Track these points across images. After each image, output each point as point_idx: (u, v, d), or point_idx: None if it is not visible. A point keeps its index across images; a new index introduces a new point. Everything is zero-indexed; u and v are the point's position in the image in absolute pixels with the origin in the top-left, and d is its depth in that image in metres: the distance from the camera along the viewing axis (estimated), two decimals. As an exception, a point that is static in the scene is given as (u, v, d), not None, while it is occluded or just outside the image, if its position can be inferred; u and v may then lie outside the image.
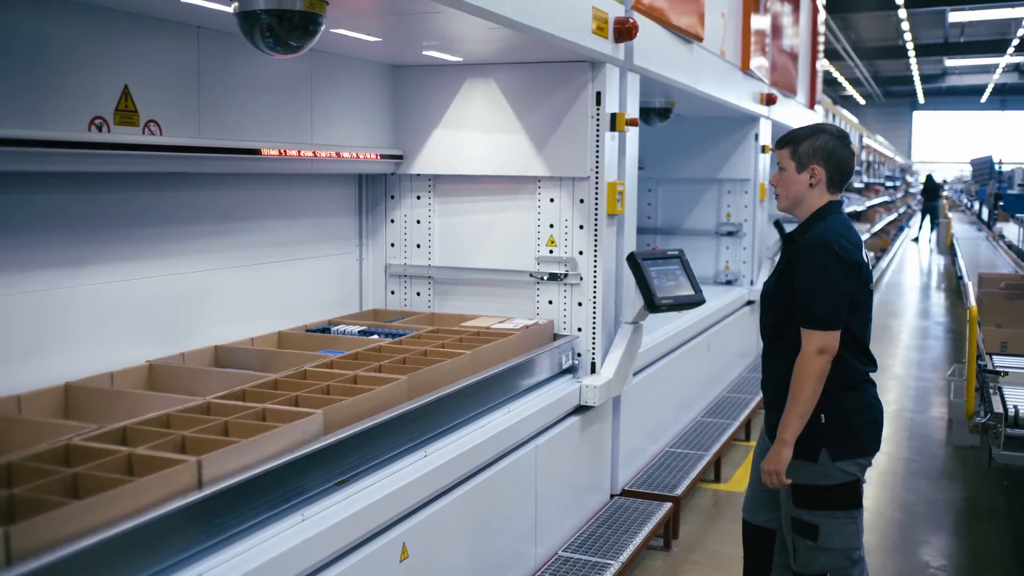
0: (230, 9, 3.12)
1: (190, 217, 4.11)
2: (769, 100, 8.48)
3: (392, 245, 5.40)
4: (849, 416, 3.30)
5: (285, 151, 4.28)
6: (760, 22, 8.01)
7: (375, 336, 4.58)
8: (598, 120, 4.81)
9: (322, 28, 3.20)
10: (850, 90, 43.62)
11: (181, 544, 2.44)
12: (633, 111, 5.15)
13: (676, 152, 8.74)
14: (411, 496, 3.31)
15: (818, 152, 3.38)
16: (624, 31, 4.75)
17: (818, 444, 3.26)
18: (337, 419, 3.10)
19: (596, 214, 4.88)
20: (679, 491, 5.22)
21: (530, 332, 4.65)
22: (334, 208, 5.17)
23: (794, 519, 3.35)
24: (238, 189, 4.40)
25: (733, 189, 8.71)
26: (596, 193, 4.86)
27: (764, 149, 8.66)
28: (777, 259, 3.73)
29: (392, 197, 5.37)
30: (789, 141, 3.46)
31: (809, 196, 3.42)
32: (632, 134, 5.16)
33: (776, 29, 8.86)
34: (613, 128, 4.87)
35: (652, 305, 4.73)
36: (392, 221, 5.39)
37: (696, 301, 4.85)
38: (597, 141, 4.82)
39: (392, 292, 5.44)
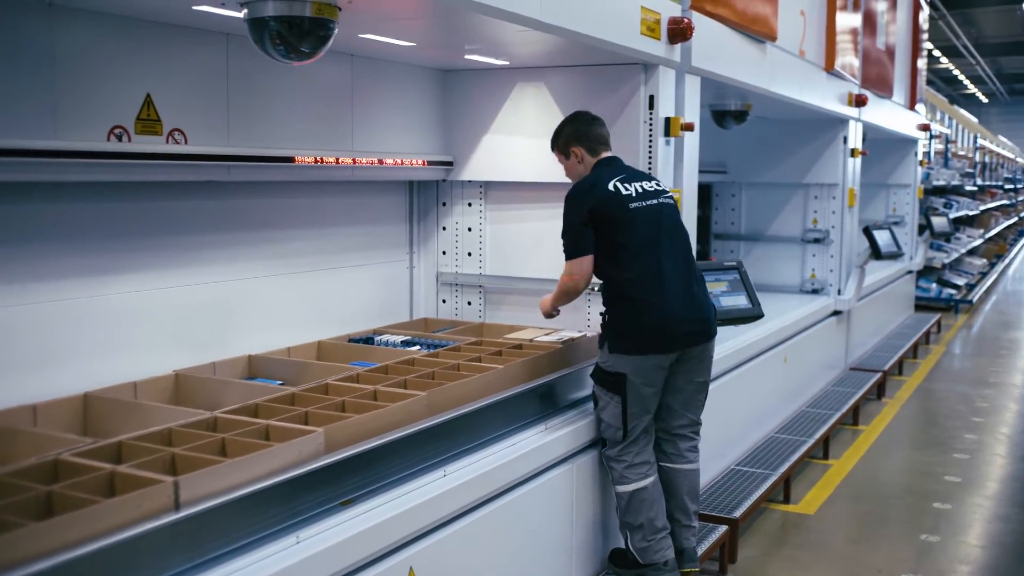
0: (240, 15, 3.07)
1: (225, 225, 4.09)
2: (859, 101, 8.09)
3: (443, 253, 5.30)
4: (616, 321, 4.00)
5: (322, 159, 4.22)
6: (848, 20, 7.65)
7: (416, 347, 4.48)
8: (651, 125, 4.62)
9: (334, 34, 3.13)
10: (972, 88, 41.88)
11: (155, 567, 2.37)
12: (692, 115, 4.93)
13: (760, 155, 8.43)
14: (422, 517, 3.17)
15: (570, 138, 4.16)
16: (678, 32, 4.55)
17: (604, 337, 4.03)
18: (341, 437, 3.00)
19: (649, 223, 4.67)
20: (737, 513, 4.97)
21: (575, 345, 4.48)
22: (384, 215, 5.10)
23: (593, 389, 4.15)
24: (278, 197, 4.36)
25: (820, 194, 8.34)
26: (649, 201, 4.66)
27: (854, 153, 8.28)
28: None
29: (443, 204, 5.27)
30: (552, 142, 4.27)
31: (584, 170, 4.15)
32: (691, 139, 4.94)
33: (868, 27, 8.47)
34: (667, 133, 4.67)
35: (704, 318, 4.53)
36: (444, 228, 5.29)
37: (752, 315, 4.64)
38: (650, 147, 4.63)
39: (443, 301, 5.34)
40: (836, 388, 7.93)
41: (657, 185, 4.12)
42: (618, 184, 3.97)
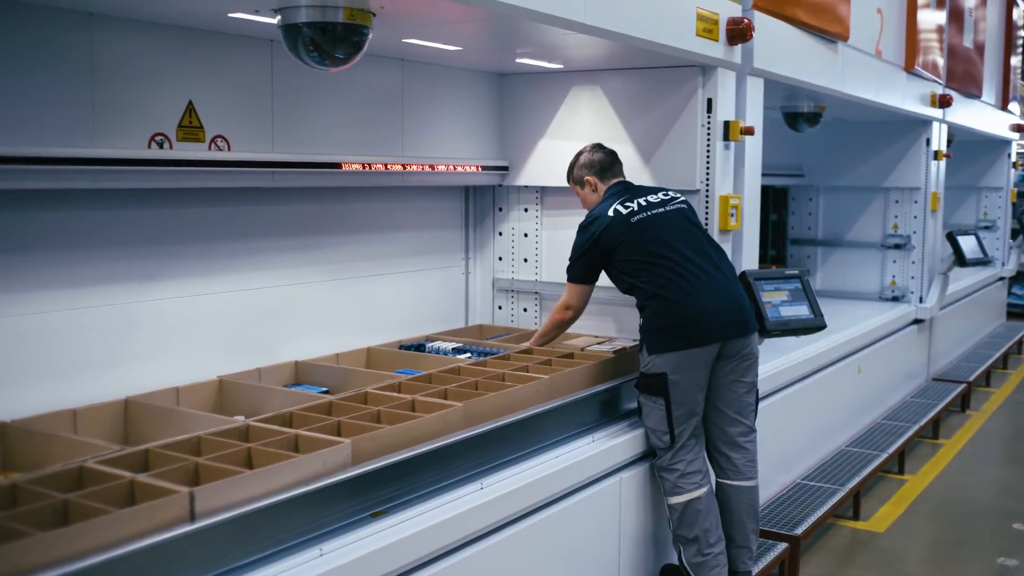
0: (274, 22, 3.06)
1: (272, 231, 4.09)
2: (943, 102, 7.78)
3: (500, 259, 5.24)
4: (649, 321, 4.01)
5: (370, 164, 4.19)
6: (930, 17, 7.35)
7: (467, 355, 4.43)
8: (709, 129, 4.48)
9: (368, 39, 3.10)
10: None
11: (166, 578, 2.35)
12: (754, 118, 4.77)
13: (838, 158, 8.17)
14: (456, 530, 3.10)
15: (581, 168, 4.32)
16: (738, 32, 4.41)
17: (641, 341, 4.04)
18: (369, 448, 2.95)
19: (707, 230, 4.54)
20: (799, 530, 4.79)
21: (628, 354, 4.37)
22: (439, 220, 5.07)
23: (638, 399, 4.09)
24: (327, 202, 4.35)
25: (901, 198, 8.04)
26: (707, 207, 4.53)
27: (937, 155, 7.95)
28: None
29: (500, 209, 5.21)
30: (567, 175, 4.42)
31: (597, 198, 4.27)
32: (753, 143, 4.79)
33: (954, 24, 8.14)
34: (727, 138, 4.53)
35: (762, 330, 4.38)
36: (500, 234, 5.23)
37: (814, 326, 4.47)
38: (708, 151, 4.50)
39: (499, 307, 5.28)
40: (916, 400, 7.64)
41: (664, 196, 4.17)
42: (617, 207, 4.07)
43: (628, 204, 4.09)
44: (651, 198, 4.13)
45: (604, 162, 4.29)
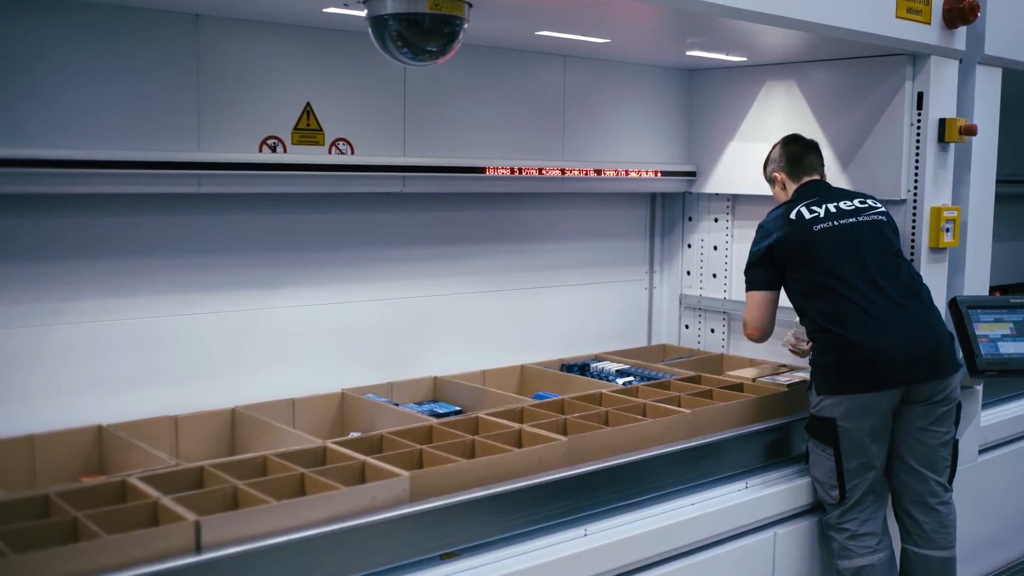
0: (362, 14, 2.86)
1: (409, 240, 3.93)
2: None
3: (688, 273, 4.77)
4: (820, 357, 3.49)
5: (520, 169, 3.90)
6: None
7: (628, 378, 4.03)
8: (919, 128, 3.81)
9: (462, 30, 2.83)
10: None
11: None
12: (985, 115, 4.03)
13: None
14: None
15: (770, 164, 3.84)
16: (958, 13, 3.73)
17: (812, 378, 3.53)
18: (431, 484, 2.66)
19: (914, 247, 3.87)
20: (1026, 611, 4.00)
21: (805, 389, 3.79)
22: (617, 229, 4.69)
23: (806, 444, 3.58)
24: (480, 209, 4.13)
25: None
26: (914, 221, 3.86)
27: None
28: None
29: (690, 219, 4.75)
30: (763, 169, 3.92)
31: (783, 195, 3.77)
32: (984, 144, 4.07)
33: None
34: (942, 139, 3.83)
35: (972, 368, 3.67)
36: (689, 246, 4.76)
37: (1042, 368, 3.68)
38: (917, 155, 3.82)
39: (686, 327, 4.81)
40: None
41: (860, 203, 3.58)
42: (802, 209, 3.55)
43: (814, 208, 3.54)
44: (843, 204, 3.56)
45: (795, 155, 3.75)
